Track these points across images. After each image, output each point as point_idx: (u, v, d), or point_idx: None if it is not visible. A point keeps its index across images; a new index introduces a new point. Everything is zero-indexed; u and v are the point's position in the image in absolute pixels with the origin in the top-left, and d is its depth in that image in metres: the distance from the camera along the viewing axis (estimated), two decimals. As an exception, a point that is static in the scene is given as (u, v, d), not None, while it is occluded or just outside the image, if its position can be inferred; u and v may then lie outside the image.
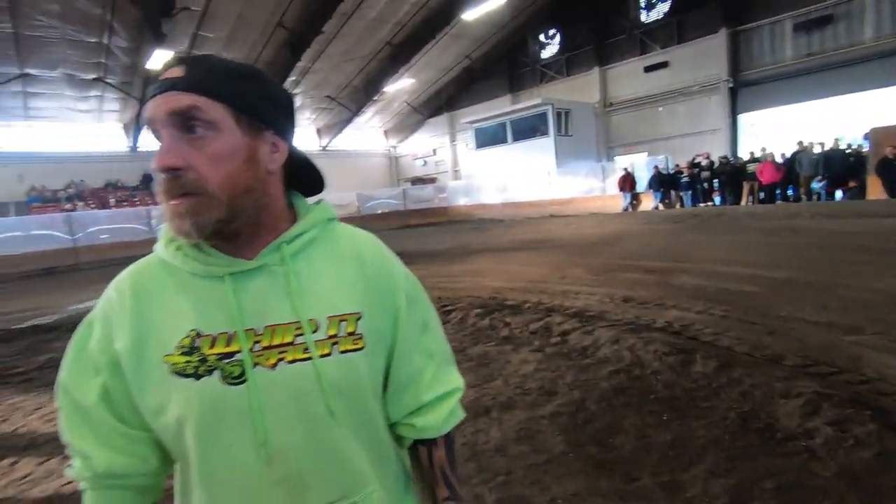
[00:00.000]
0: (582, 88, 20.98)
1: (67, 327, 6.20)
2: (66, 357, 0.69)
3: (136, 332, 0.65)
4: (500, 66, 23.79)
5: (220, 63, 0.65)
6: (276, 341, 0.65)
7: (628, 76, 19.85)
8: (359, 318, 0.69)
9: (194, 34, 16.25)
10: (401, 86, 23.00)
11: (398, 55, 20.88)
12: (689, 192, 14.65)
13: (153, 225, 17.36)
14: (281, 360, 0.64)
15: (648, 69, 19.12)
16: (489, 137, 21.57)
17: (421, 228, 18.38)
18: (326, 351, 0.66)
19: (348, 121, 24.40)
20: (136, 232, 17.33)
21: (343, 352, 0.67)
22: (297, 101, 22.25)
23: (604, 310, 4.91)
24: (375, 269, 0.74)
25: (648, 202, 15.52)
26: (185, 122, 0.61)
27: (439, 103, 26.19)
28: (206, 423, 0.63)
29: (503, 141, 20.91)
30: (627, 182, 15.58)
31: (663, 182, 15.02)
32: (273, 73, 19.12)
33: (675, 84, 18.43)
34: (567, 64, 21.88)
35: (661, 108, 19.17)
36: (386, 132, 28.45)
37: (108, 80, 17.43)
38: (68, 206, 17.92)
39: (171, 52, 15.22)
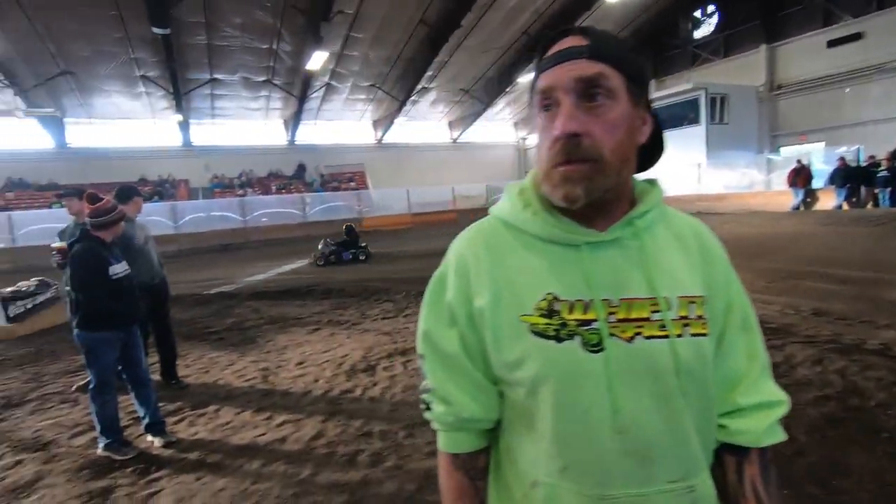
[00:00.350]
0: (742, 70, 18.56)
1: (245, 296, 7.13)
2: (424, 309, 0.73)
3: (494, 288, 0.67)
4: (644, 49, 21.94)
5: (610, 34, 0.66)
6: (633, 315, 0.64)
7: (805, 53, 17.04)
8: (704, 303, 0.67)
9: (346, 35, 17.60)
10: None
11: (534, 45, 20.40)
12: (888, 190, 12.02)
13: (306, 211, 19.34)
14: (638, 334, 0.64)
15: (833, 43, 16.24)
16: (628, 127, 20.16)
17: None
18: (679, 332, 0.64)
19: (479, 113, 24.60)
20: (292, 216, 19.50)
21: (693, 335, 0.65)
22: (433, 96, 23.04)
23: (789, 322, 4.22)
24: (714, 255, 0.72)
25: (828, 200, 13.08)
26: (587, 89, 0.62)
27: (574, 92, 25.13)
28: (566, 385, 0.64)
29: (644, 131, 19.39)
30: (801, 176, 13.27)
31: (850, 177, 12.52)
32: (413, 68, 20.06)
33: (869, 60, 15.37)
34: (725, 43, 19.50)
35: (847, 90, 16.15)
36: (515, 123, 28.18)
37: (275, 82, 19.74)
38: (241, 192, 20.80)
39: (325, 52, 16.71)
